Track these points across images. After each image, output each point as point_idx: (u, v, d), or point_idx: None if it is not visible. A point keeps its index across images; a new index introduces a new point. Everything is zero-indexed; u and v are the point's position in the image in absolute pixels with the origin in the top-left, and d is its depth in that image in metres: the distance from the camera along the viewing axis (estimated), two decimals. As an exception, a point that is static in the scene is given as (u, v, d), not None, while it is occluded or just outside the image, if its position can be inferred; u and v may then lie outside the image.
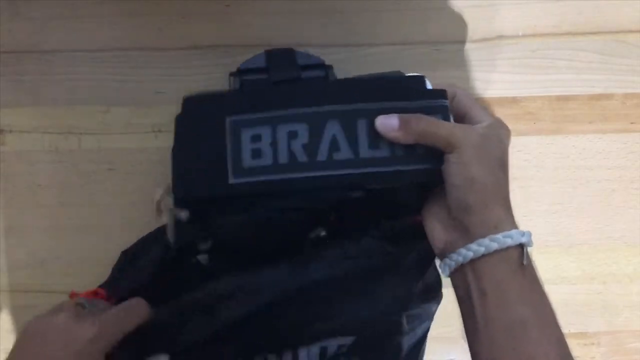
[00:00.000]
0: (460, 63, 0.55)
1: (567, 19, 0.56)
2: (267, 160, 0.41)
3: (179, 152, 0.43)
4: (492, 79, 0.55)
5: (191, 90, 0.53)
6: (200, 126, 0.43)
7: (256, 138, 0.41)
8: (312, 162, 0.41)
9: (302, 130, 0.41)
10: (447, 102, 0.42)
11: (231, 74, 0.48)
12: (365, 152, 0.41)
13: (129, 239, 0.49)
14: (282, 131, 0.41)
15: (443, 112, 0.42)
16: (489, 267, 0.38)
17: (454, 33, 0.55)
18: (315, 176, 0.41)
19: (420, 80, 0.44)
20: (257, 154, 0.41)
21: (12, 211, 0.54)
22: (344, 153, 0.41)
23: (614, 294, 0.54)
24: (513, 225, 0.39)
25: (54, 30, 0.54)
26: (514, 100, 0.55)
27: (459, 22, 0.55)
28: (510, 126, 0.54)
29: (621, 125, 0.55)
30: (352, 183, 0.41)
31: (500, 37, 0.55)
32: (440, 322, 0.53)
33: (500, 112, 0.55)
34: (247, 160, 0.41)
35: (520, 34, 0.56)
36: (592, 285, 0.55)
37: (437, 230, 0.42)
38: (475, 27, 0.55)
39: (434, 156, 0.40)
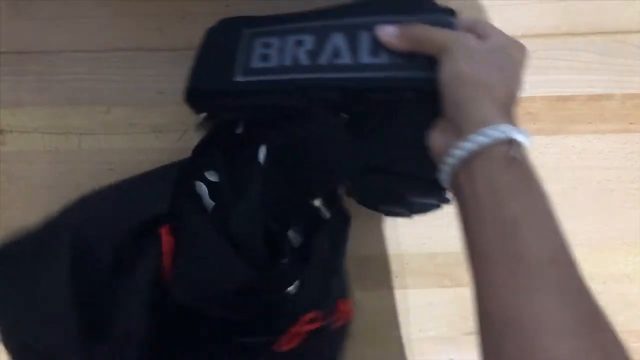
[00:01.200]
0: (460, 63, 0.55)
1: (566, 19, 0.56)
2: (273, 62, 0.45)
3: (199, 55, 0.47)
4: (492, 79, 0.55)
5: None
6: (223, 36, 0.48)
7: (266, 45, 0.45)
8: (314, 65, 0.44)
9: (308, 40, 0.45)
10: (453, 19, 0.44)
11: None
12: (365, 58, 0.43)
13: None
14: (290, 40, 0.45)
15: (448, 27, 0.43)
16: (480, 165, 0.37)
17: (454, 33, 0.56)
18: (315, 77, 0.44)
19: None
20: (264, 57, 0.45)
21: (12, 211, 0.54)
22: (345, 59, 0.43)
23: (614, 293, 0.55)
24: (507, 121, 0.37)
25: (54, 31, 0.54)
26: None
27: (459, 23, 0.56)
28: (510, 126, 0.55)
29: (621, 126, 0.56)
30: (350, 86, 0.43)
31: (500, 37, 0.56)
32: (439, 322, 0.53)
33: (500, 113, 0.55)
34: (255, 63, 0.45)
35: (520, 34, 0.56)
36: (592, 285, 0.54)
37: (435, 137, 0.41)
38: (475, 27, 0.55)
39: (433, 67, 0.41)
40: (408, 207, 0.49)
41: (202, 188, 0.48)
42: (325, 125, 0.45)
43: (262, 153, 0.46)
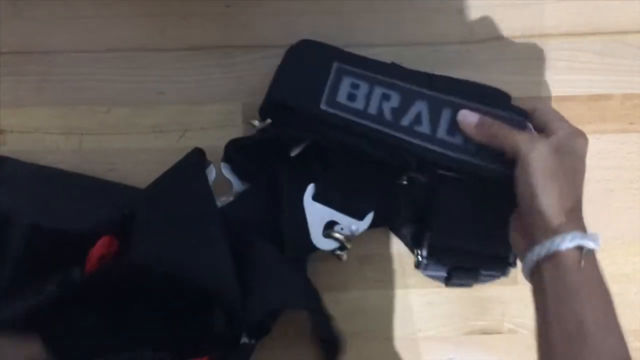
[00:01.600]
0: (460, 64, 0.55)
1: (566, 19, 0.56)
2: (359, 105, 0.46)
3: (283, 71, 0.49)
4: (492, 79, 0.55)
5: (192, 92, 0.54)
6: (309, 60, 0.49)
7: (354, 86, 0.47)
8: (395, 123, 0.46)
9: (395, 97, 0.47)
10: (527, 122, 0.47)
11: None
12: (442, 134, 0.46)
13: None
14: (378, 91, 0.47)
15: (520, 127, 0.46)
16: (550, 268, 0.41)
17: (454, 33, 0.56)
18: (394, 135, 0.46)
19: (507, 96, 0.49)
20: (351, 97, 0.47)
21: (13, 211, 0.54)
22: (424, 128, 0.46)
23: (613, 293, 0.54)
24: (576, 228, 0.41)
25: (55, 31, 0.54)
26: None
27: (459, 23, 0.56)
28: (510, 127, 0.55)
29: (620, 126, 0.56)
30: (426, 155, 0.45)
31: (500, 37, 0.56)
32: (439, 322, 0.53)
33: (499, 113, 0.55)
34: (342, 98, 0.46)
35: (519, 34, 0.56)
36: (591, 285, 0.55)
37: (516, 238, 0.46)
38: (475, 27, 0.56)
39: (501, 161, 0.45)
40: (474, 279, 0.51)
41: (212, 173, 0.49)
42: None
43: (309, 193, 0.48)
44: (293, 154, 0.49)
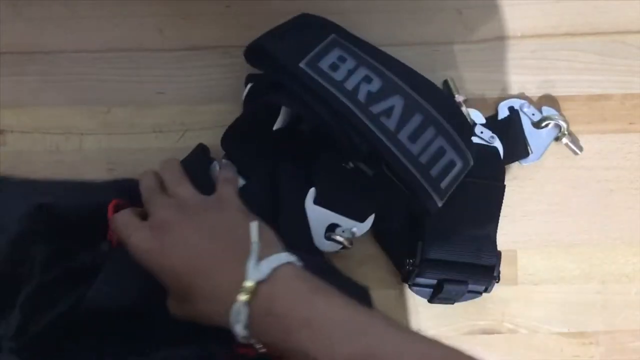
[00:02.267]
0: (460, 64, 0.55)
1: (566, 19, 0.56)
2: (338, 76, 0.46)
3: (282, 26, 0.50)
4: (492, 79, 0.55)
5: (192, 92, 0.54)
6: (308, 26, 0.50)
7: (341, 59, 0.47)
8: (366, 107, 0.45)
9: (376, 83, 0.47)
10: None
11: None
12: (403, 137, 0.45)
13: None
14: (362, 71, 0.47)
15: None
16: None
17: (454, 33, 0.56)
18: (358, 116, 0.45)
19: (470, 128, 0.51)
20: (334, 67, 0.47)
21: (13, 211, 0.54)
22: (391, 124, 0.45)
23: (613, 293, 0.55)
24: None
25: (55, 31, 0.54)
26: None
27: (459, 23, 0.56)
28: (510, 127, 0.55)
29: (620, 126, 0.56)
30: (376, 148, 0.45)
31: (500, 37, 0.56)
32: (439, 322, 0.53)
33: (499, 113, 0.55)
34: (324, 65, 0.47)
35: (519, 34, 0.56)
36: (591, 285, 0.55)
37: None
38: (475, 27, 0.56)
39: (439, 188, 0.46)
40: (461, 293, 0.51)
41: (216, 170, 0.50)
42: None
43: (310, 197, 0.49)
44: (275, 127, 0.49)
